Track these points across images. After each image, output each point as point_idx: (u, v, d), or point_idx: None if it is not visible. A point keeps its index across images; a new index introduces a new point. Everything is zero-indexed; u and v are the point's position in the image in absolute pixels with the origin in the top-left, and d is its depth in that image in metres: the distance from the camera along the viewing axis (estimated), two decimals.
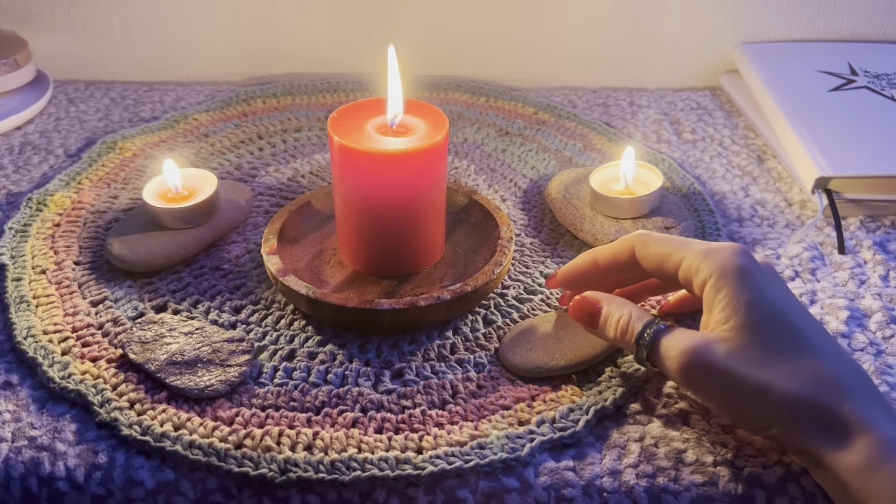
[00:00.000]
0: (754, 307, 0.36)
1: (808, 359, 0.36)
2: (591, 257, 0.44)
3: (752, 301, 0.37)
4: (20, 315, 0.47)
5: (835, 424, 0.34)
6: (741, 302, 0.37)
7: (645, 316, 0.40)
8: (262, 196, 0.59)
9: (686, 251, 0.39)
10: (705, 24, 0.74)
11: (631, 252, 0.42)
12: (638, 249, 0.42)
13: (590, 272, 0.44)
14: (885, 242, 0.54)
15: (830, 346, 0.37)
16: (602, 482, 0.38)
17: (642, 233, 0.42)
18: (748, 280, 0.37)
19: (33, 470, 0.39)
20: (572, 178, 0.58)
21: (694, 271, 0.39)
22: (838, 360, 0.36)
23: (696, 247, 0.39)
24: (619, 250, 0.42)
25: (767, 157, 0.64)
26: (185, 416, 0.41)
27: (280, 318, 0.48)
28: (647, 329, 0.39)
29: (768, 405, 0.35)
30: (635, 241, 0.42)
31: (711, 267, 0.38)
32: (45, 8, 0.75)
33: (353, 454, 0.39)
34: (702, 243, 0.40)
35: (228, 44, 0.76)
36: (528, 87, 0.76)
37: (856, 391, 0.35)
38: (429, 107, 0.48)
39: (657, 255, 0.41)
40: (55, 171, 0.62)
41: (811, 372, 0.35)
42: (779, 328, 0.36)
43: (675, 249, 0.40)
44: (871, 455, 0.33)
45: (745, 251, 0.38)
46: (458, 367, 0.44)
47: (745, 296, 0.37)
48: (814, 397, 0.35)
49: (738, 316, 0.36)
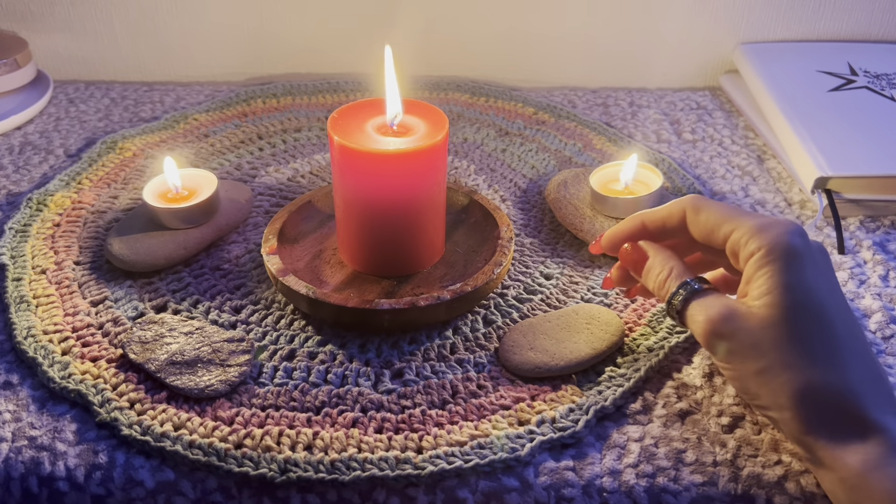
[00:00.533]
0: (792, 291, 0.36)
1: (828, 356, 0.35)
2: (639, 220, 0.43)
3: (792, 285, 0.36)
4: (20, 315, 0.47)
5: (838, 423, 0.34)
6: (780, 283, 0.36)
7: (685, 274, 0.40)
8: (262, 196, 0.59)
9: (739, 222, 0.38)
10: (705, 24, 0.74)
11: (682, 216, 0.41)
12: (689, 214, 0.40)
13: (637, 236, 0.43)
14: (885, 242, 0.54)
15: (858, 347, 0.36)
16: (602, 482, 0.38)
17: (696, 197, 0.41)
18: (794, 263, 0.36)
19: (33, 470, 0.39)
20: (572, 178, 0.58)
21: (743, 244, 0.38)
22: (861, 362, 0.36)
23: (750, 220, 0.38)
24: (670, 214, 0.41)
25: (767, 158, 0.64)
26: (185, 416, 0.41)
27: (280, 318, 0.48)
28: (683, 288, 0.39)
29: (777, 387, 0.35)
30: (687, 205, 0.41)
31: (762, 242, 0.37)
32: (45, 8, 0.75)
33: (353, 454, 0.39)
34: (756, 216, 0.39)
35: (228, 44, 0.77)
36: (528, 87, 0.76)
37: (868, 393, 0.35)
38: (428, 107, 0.48)
39: (709, 223, 0.39)
40: (55, 171, 0.62)
41: (826, 369, 0.35)
42: (809, 318, 0.36)
43: (729, 219, 0.39)
44: (872, 457, 0.33)
45: (800, 231, 0.37)
46: (458, 367, 0.44)
47: (785, 278, 0.36)
48: (822, 392, 0.35)
49: (773, 295, 0.36)
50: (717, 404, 0.42)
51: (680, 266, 0.40)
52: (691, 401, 0.42)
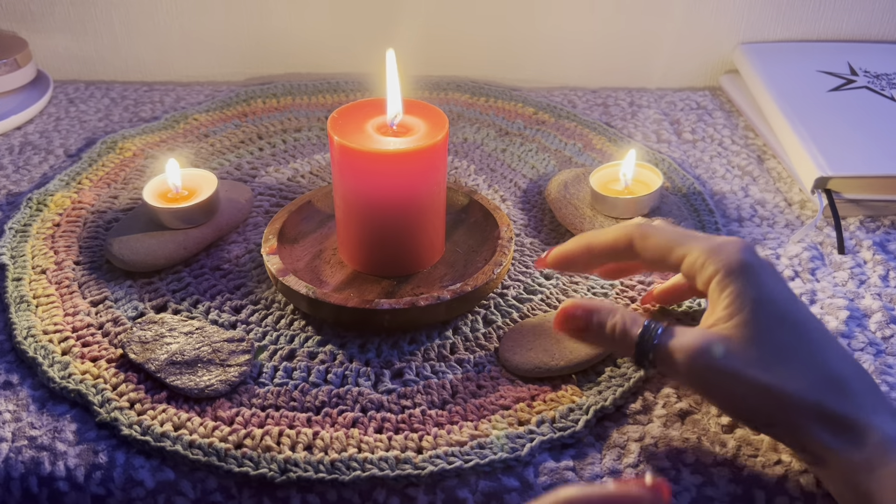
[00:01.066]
0: (760, 305, 0.36)
1: (812, 359, 0.36)
2: (585, 242, 0.43)
3: (758, 299, 0.36)
4: (20, 315, 0.47)
5: (838, 424, 0.34)
6: (746, 299, 0.36)
7: (638, 318, 0.39)
8: (262, 196, 0.59)
9: (690, 246, 0.39)
10: (705, 24, 0.74)
11: (629, 242, 0.41)
12: (637, 241, 0.41)
13: (583, 257, 0.43)
14: (885, 242, 0.54)
15: (833, 347, 0.37)
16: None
17: (642, 223, 0.41)
18: (754, 278, 0.37)
19: (33, 470, 0.39)
20: (572, 178, 0.58)
21: (699, 267, 0.38)
22: (841, 360, 0.36)
23: (700, 242, 0.39)
24: (617, 239, 0.41)
25: (767, 157, 0.64)
26: (185, 416, 0.41)
27: (280, 318, 0.48)
28: (647, 333, 0.38)
29: (771, 404, 0.35)
30: (634, 233, 0.41)
31: (717, 264, 0.37)
32: (45, 8, 0.75)
33: (353, 454, 0.39)
34: (705, 238, 0.39)
35: (228, 44, 0.77)
36: (528, 87, 0.76)
37: (859, 391, 0.35)
38: (429, 107, 0.48)
39: (658, 249, 0.40)
40: (55, 171, 0.62)
41: (815, 372, 0.35)
42: (783, 327, 0.36)
43: (679, 244, 0.39)
44: (876, 453, 0.33)
45: (750, 248, 0.38)
46: (458, 367, 0.44)
47: (750, 293, 0.36)
48: (817, 398, 0.35)
49: (743, 314, 0.36)
50: None
51: (629, 312, 0.39)
52: (691, 401, 0.42)
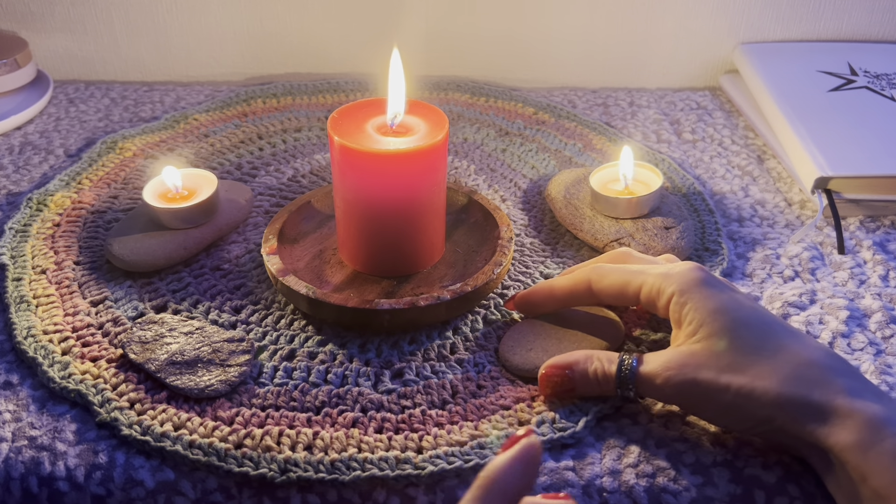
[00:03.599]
0: (721, 314, 0.38)
1: (784, 353, 0.36)
2: (547, 287, 0.45)
3: (718, 309, 0.38)
4: (20, 315, 0.47)
5: (822, 411, 0.35)
6: (707, 311, 0.38)
7: (613, 357, 0.40)
8: (262, 196, 0.59)
9: (644, 277, 0.41)
10: (705, 25, 0.74)
11: (587, 286, 0.43)
12: (594, 283, 0.43)
13: (547, 300, 0.45)
14: (885, 242, 0.54)
15: (801, 339, 0.38)
16: (602, 482, 0.38)
17: (597, 267, 0.43)
18: (710, 291, 0.39)
19: (33, 470, 0.39)
20: (572, 178, 0.58)
21: (656, 293, 0.40)
22: (811, 350, 0.37)
23: (652, 271, 0.41)
24: (575, 284, 0.44)
25: (767, 157, 0.64)
26: (185, 416, 0.41)
27: (280, 318, 0.48)
28: (623, 368, 0.39)
29: (754, 407, 0.36)
30: (591, 276, 0.43)
31: (672, 286, 0.40)
32: (45, 8, 0.75)
33: (353, 454, 0.39)
34: (656, 266, 0.42)
35: (228, 44, 0.77)
36: (528, 87, 0.76)
37: (838, 374, 0.36)
38: (429, 107, 0.48)
39: (614, 287, 0.42)
40: (55, 171, 0.62)
41: (790, 365, 0.36)
42: (748, 330, 0.37)
43: (632, 277, 0.42)
44: (864, 434, 0.34)
45: (700, 267, 0.41)
46: (458, 367, 0.44)
47: (708, 305, 0.38)
48: (795, 390, 0.35)
49: (707, 325, 0.38)
50: None
51: (600, 352, 0.41)
52: None
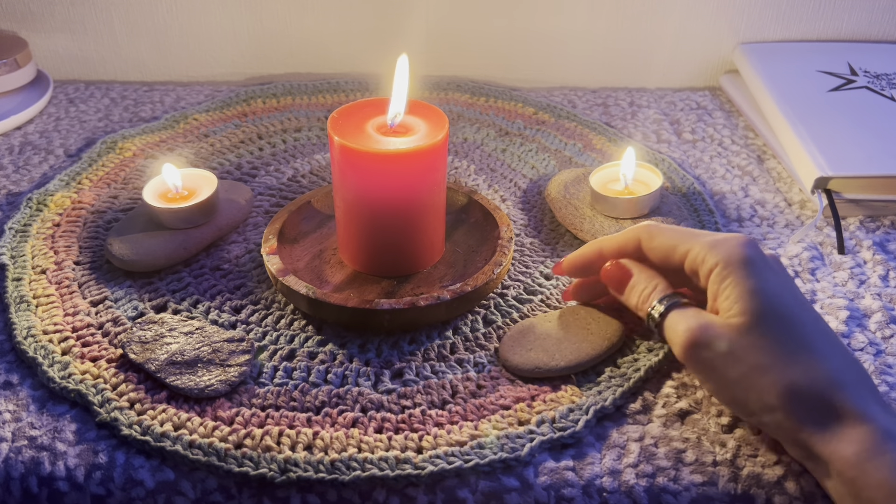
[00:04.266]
0: (758, 296, 0.37)
1: (806, 352, 0.36)
2: (597, 247, 0.44)
3: (756, 290, 0.37)
4: (20, 315, 0.47)
5: (828, 415, 0.35)
6: (745, 290, 0.37)
7: (668, 290, 0.41)
8: (262, 196, 0.59)
9: (692, 242, 0.40)
10: (705, 24, 0.74)
11: (637, 244, 0.43)
12: (644, 241, 0.42)
13: (595, 262, 0.45)
14: (885, 242, 0.54)
15: (829, 341, 0.37)
16: (602, 482, 0.38)
17: (649, 224, 0.43)
18: (753, 270, 0.38)
19: (33, 470, 0.39)
20: (572, 178, 0.58)
21: (700, 261, 0.39)
22: (836, 354, 0.37)
23: (702, 238, 0.40)
24: (625, 242, 0.43)
25: (767, 157, 0.64)
26: (185, 416, 0.41)
27: (280, 318, 0.48)
28: (662, 301, 0.40)
29: (762, 391, 0.36)
30: (641, 234, 0.42)
31: (718, 257, 0.39)
32: (45, 8, 0.75)
33: (353, 454, 0.39)
34: (708, 234, 0.40)
35: (228, 44, 0.77)
36: (528, 87, 0.76)
37: (850, 384, 0.36)
38: (429, 107, 0.48)
39: (663, 247, 0.41)
40: (55, 171, 0.62)
41: (807, 364, 0.36)
42: (780, 319, 0.37)
43: (682, 241, 0.41)
44: (865, 446, 0.33)
45: (752, 243, 0.39)
46: (458, 367, 0.44)
47: (749, 284, 0.37)
48: (808, 388, 0.35)
49: (742, 303, 0.37)
50: (717, 404, 0.42)
51: (664, 283, 0.42)
52: (691, 400, 0.42)
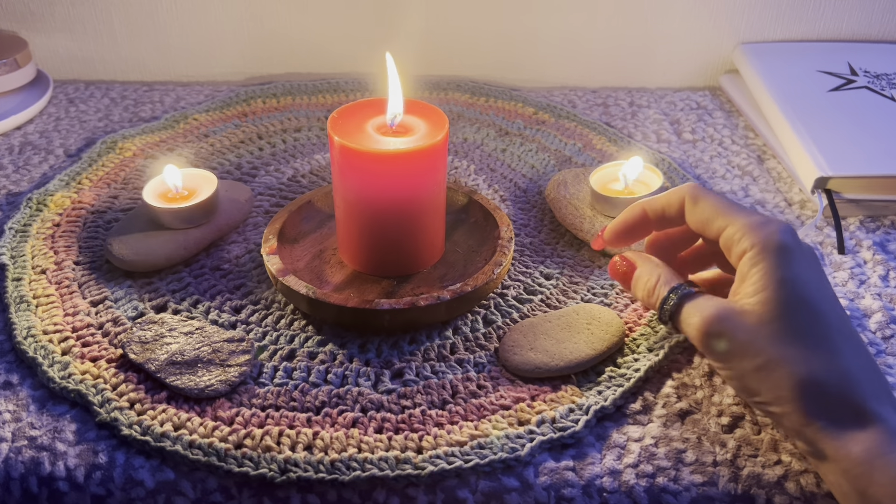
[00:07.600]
0: (785, 286, 0.37)
1: (825, 347, 0.36)
2: (640, 208, 0.44)
3: (785, 280, 0.37)
4: (20, 315, 0.47)
5: (840, 412, 0.35)
6: (774, 279, 0.37)
7: (673, 279, 0.41)
8: (262, 196, 0.59)
9: (733, 218, 0.39)
10: (705, 24, 0.74)
11: (680, 205, 0.42)
12: (687, 203, 0.42)
13: (639, 224, 0.44)
14: (885, 242, 0.54)
15: (850, 339, 0.37)
16: (602, 482, 0.38)
17: (694, 186, 0.42)
18: (786, 259, 0.37)
19: (33, 470, 0.39)
20: (572, 178, 0.58)
21: (736, 241, 0.39)
22: (855, 352, 0.36)
23: (743, 217, 0.39)
24: (669, 202, 0.43)
25: (767, 157, 0.64)
26: (185, 416, 0.41)
27: (280, 318, 0.48)
28: (673, 293, 0.40)
29: (776, 381, 0.36)
30: (686, 194, 0.42)
31: (753, 240, 0.38)
32: (45, 8, 0.75)
33: (353, 454, 0.39)
34: (750, 213, 0.39)
35: (228, 44, 0.77)
36: (528, 87, 0.76)
37: (864, 383, 0.35)
38: (429, 107, 0.48)
39: (704, 214, 0.41)
40: (55, 171, 0.62)
41: (825, 359, 0.36)
42: (804, 312, 0.36)
43: (723, 214, 0.40)
44: (874, 445, 0.33)
45: (791, 230, 0.38)
46: (458, 367, 0.44)
47: (779, 274, 0.37)
48: (823, 383, 0.35)
49: (768, 291, 0.37)
50: (717, 404, 0.42)
51: (668, 272, 0.42)
52: (691, 400, 0.42)
